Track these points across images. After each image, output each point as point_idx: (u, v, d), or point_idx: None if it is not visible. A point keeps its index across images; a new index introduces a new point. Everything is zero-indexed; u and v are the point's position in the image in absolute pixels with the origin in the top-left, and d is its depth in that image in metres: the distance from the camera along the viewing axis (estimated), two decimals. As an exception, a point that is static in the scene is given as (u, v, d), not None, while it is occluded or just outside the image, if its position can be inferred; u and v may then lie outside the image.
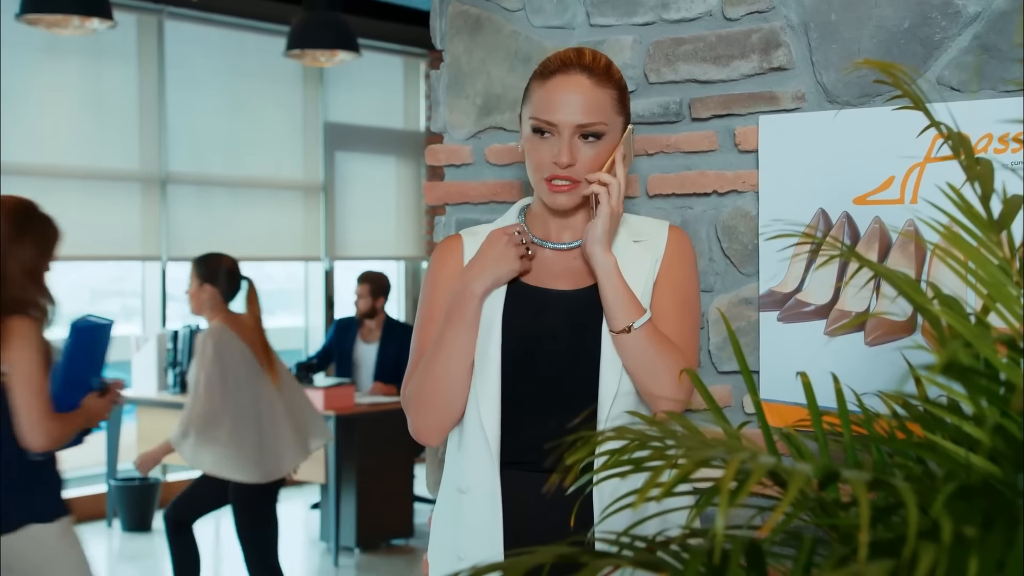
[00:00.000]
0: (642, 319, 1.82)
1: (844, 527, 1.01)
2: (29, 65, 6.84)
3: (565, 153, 1.83)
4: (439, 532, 1.99)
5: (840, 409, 1.27)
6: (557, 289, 1.91)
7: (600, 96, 1.84)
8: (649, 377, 1.81)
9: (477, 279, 1.87)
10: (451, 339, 1.87)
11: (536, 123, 1.86)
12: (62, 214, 6.90)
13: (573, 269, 1.92)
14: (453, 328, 1.87)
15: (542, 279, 1.93)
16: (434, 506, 2.03)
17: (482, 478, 1.86)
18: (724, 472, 0.93)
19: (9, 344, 2.81)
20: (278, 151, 8.17)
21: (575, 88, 1.83)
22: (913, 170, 1.98)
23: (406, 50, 8.85)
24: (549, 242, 1.94)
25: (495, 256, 1.87)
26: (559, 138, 1.84)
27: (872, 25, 2.03)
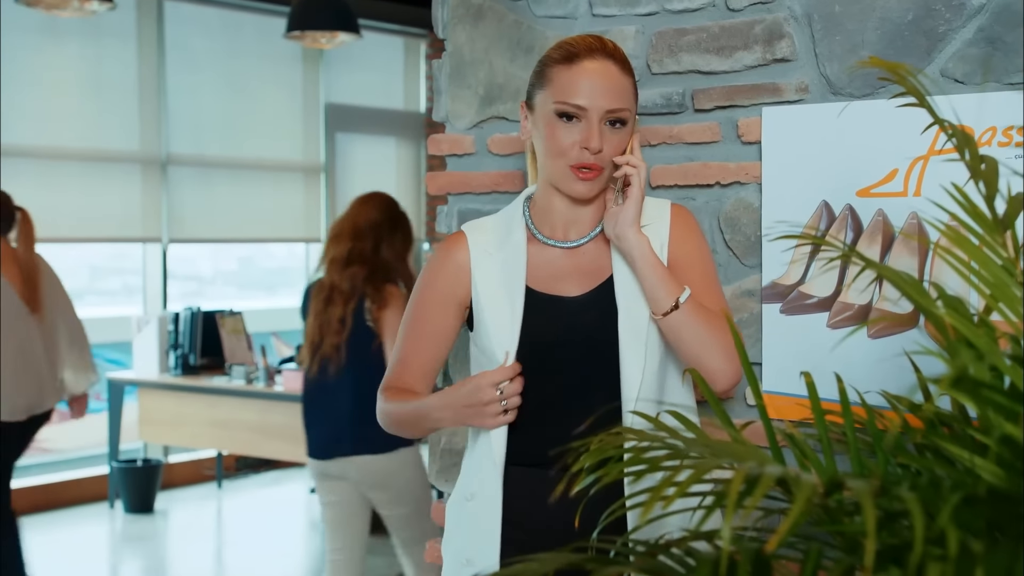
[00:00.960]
0: (685, 293, 1.80)
1: (850, 533, 1.02)
2: (29, 47, 6.82)
3: (596, 138, 1.81)
4: (450, 534, 2.01)
5: (844, 411, 1.28)
6: (568, 296, 1.89)
7: (625, 83, 1.85)
8: (704, 350, 1.79)
9: (447, 419, 1.88)
10: (411, 432, 1.98)
11: (562, 107, 1.83)
12: (62, 196, 6.98)
13: (581, 269, 1.90)
14: (413, 428, 1.96)
15: (550, 284, 1.90)
16: (447, 506, 2.04)
17: (487, 483, 1.87)
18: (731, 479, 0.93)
19: (387, 305, 3.73)
20: (278, 132, 8.15)
21: (604, 73, 1.83)
22: (916, 163, 1.98)
23: (406, 31, 8.82)
24: (555, 240, 1.92)
25: (473, 412, 1.82)
26: (586, 123, 1.82)
27: (876, 17, 2.02)
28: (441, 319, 1.96)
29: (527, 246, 1.93)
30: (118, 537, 6.49)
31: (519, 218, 1.95)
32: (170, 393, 6.62)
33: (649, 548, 1.11)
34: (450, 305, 1.95)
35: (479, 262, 1.94)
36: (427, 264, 2.00)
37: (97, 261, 8.39)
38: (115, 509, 6.86)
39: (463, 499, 1.94)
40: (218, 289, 8.93)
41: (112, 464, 6.82)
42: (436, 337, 1.96)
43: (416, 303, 1.98)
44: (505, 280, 1.91)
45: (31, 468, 7.32)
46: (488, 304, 1.91)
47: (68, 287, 4.82)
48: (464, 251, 1.95)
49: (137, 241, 7.45)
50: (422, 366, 1.97)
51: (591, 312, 1.87)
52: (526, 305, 1.88)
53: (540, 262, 1.92)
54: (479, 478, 1.89)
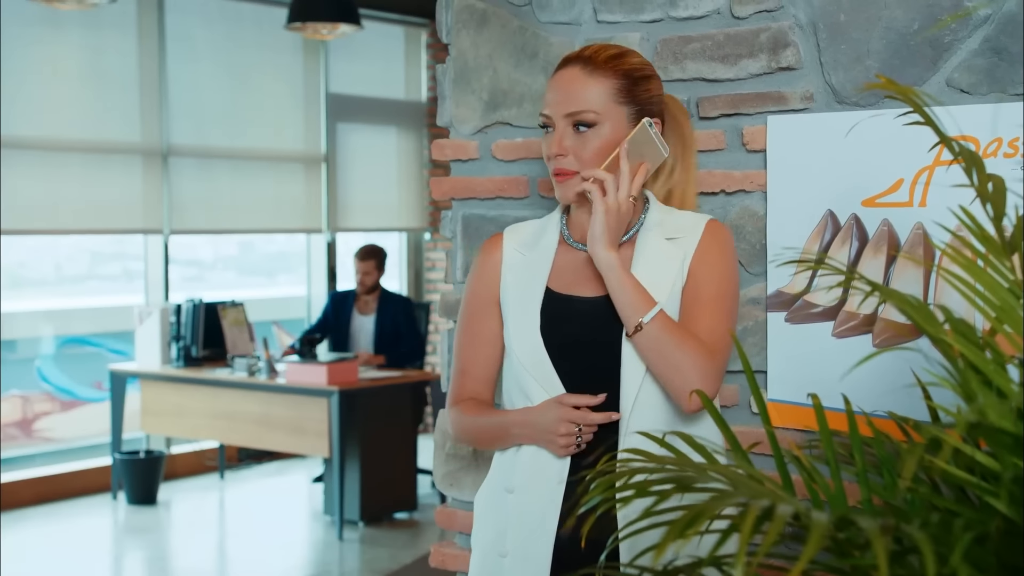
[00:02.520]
0: (651, 312, 1.81)
1: (862, 567, 1.02)
2: (29, 38, 6.81)
3: (556, 143, 1.87)
4: (482, 525, 2.03)
5: (852, 435, 1.28)
6: (582, 296, 1.92)
7: (591, 84, 1.86)
8: (672, 372, 1.80)
9: (526, 437, 1.91)
10: (495, 447, 1.99)
11: (539, 119, 1.92)
12: (64, 188, 6.97)
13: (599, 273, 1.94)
14: (498, 444, 1.98)
15: (570, 285, 1.94)
16: (475, 499, 2.06)
17: (542, 480, 1.89)
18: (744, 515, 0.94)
19: None
20: (280, 123, 8.14)
21: (568, 79, 1.88)
22: (922, 173, 1.98)
23: (407, 20, 8.80)
24: (583, 244, 1.96)
25: (549, 439, 1.87)
26: (555, 131, 1.89)
27: (881, 26, 2.02)
28: (490, 321, 2.00)
29: (557, 248, 1.98)
30: (120, 528, 6.51)
31: (555, 222, 2.01)
32: (172, 385, 6.63)
33: (658, 574, 1.12)
34: (495, 306, 2.00)
35: (510, 262, 2.00)
36: (471, 270, 2.06)
37: (97, 247, 8.40)
38: (118, 500, 6.88)
39: (502, 491, 1.95)
40: (218, 275, 8.93)
41: (115, 455, 6.84)
42: (490, 340, 2.00)
43: (465, 310, 2.04)
44: (528, 279, 1.96)
45: (34, 459, 7.35)
46: (511, 301, 1.97)
47: (69, 273, 4.82)
48: (499, 251, 2.02)
49: (138, 232, 7.45)
50: (483, 372, 2.01)
51: (600, 314, 1.89)
52: (544, 304, 1.93)
53: (566, 264, 1.97)
54: (526, 475, 1.91)
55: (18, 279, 7.99)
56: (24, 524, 6.49)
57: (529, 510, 1.90)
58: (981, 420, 0.93)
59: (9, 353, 8.12)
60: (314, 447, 6.08)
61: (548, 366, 1.89)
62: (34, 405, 7.79)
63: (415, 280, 9.20)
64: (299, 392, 6.07)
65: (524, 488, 1.91)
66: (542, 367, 1.89)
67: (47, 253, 8.14)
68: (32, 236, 7.34)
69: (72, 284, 8.30)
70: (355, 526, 6.18)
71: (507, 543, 1.93)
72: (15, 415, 7.65)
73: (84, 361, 8.10)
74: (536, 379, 1.90)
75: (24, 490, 6.90)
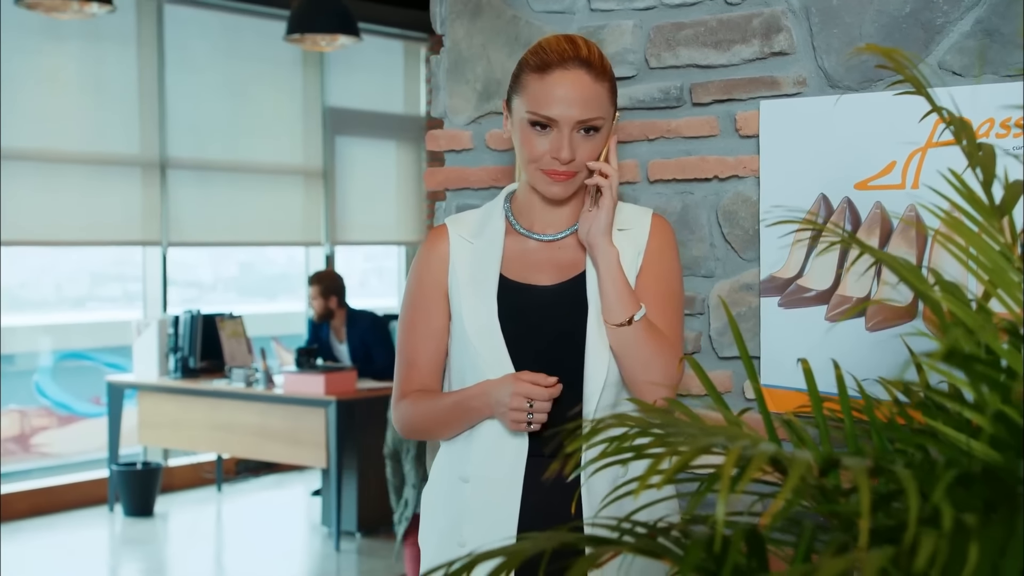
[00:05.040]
0: (641, 312, 1.84)
1: (845, 514, 1.01)
2: (28, 50, 6.83)
3: (566, 149, 1.84)
4: (432, 518, 1.99)
5: (841, 396, 1.27)
6: (540, 284, 1.92)
7: (598, 90, 1.85)
8: (641, 367, 1.84)
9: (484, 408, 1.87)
10: (453, 430, 1.94)
11: (534, 117, 1.85)
12: (62, 199, 6.97)
13: (556, 261, 1.93)
14: (456, 425, 1.92)
15: (524, 274, 1.93)
16: (423, 494, 2.03)
17: (498, 467, 1.87)
18: (725, 459, 0.93)
19: None
20: (278, 136, 8.15)
21: (575, 83, 1.84)
22: (915, 155, 1.98)
23: (406, 34, 8.83)
24: (533, 232, 1.95)
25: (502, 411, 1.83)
26: (558, 133, 1.84)
27: (873, 9, 2.02)
28: (436, 312, 1.97)
29: (505, 237, 1.96)
30: (117, 540, 6.48)
31: (499, 210, 1.99)
32: (170, 396, 6.61)
33: (649, 529, 1.11)
34: (441, 297, 1.97)
35: (457, 251, 1.97)
36: (414, 261, 2.03)
37: (98, 268, 8.40)
38: (115, 512, 6.85)
39: (456, 481, 1.93)
40: (219, 295, 8.93)
41: (112, 467, 6.81)
42: (437, 332, 1.98)
43: (410, 302, 2.00)
44: (480, 266, 1.94)
45: (31, 472, 7.32)
46: (463, 289, 1.94)
47: (70, 294, 4.82)
48: (445, 242, 1.99)
49: (137, 244, 7.45)
50: (430, 363, 1.98)
51: (561, 303, 1.90)
52: (499, 292, 1.91)
53: (516, 252, 1.95)
54: (480, 462, 1.89)
55: (18, 300, 7.99)
56: (22, 536, 6.46)
57: (488, 499, 1.87)
58: (954, 348, 0.92)
59: (7, 366, 8.10)
60: (312, 458, 6.05)
61: (505, 354, 1.87)
62: (32, 420, 7.77)
63: (414, 294, 9.17)
64: (297, 402, 6.05)
65: (480, 477, 1.89)
66: (498, 355, 1.87)
67: (47, 273, 8.13)
68: (32, 255, 7.34)
69: (72, 306, 8.30)
70: (352, 537, 6.15)
71: (464, 533, 1.89)
72: (13, 430, 7.63)
73: (82, 376, 8.08)
74: (493, 367, 1.87)
75: (21, 502, 6.87)
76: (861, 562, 0.84)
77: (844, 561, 0.83)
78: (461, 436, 1.93)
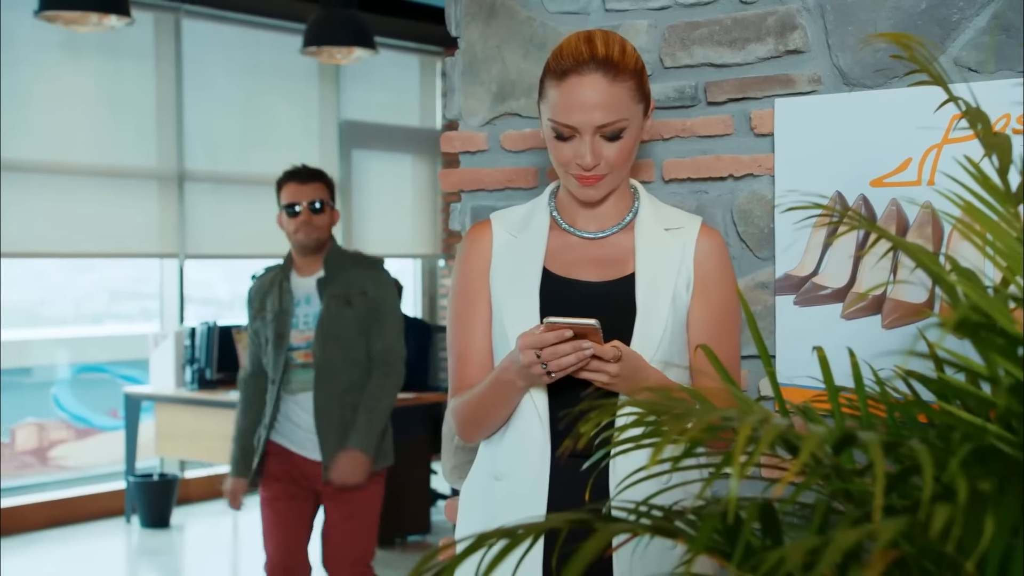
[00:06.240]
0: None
1: (858, 493, 1.01)
2: (47, 63, 6.88)
3: (588, 155, 1.82)
4: (469, 514, 1.99)
5: (856, 382, 1.27)
6: (585, 280, 1.90)
7: (617, 92, 1.82)
8: None
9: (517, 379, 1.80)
10: (496, 412, 1.87)
11: (555, 126, 1.84)
12: (80, 212, 7.00)
13: (600, 258, 1.92)
14: (497, 406, 1.86)
15: (569, 269, 1.91)
16: (461, 491, 2.02)
17: (526, 465, 1.85)
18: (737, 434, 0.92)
19: None
20: (295, 149, 8.17)
21: (591, 88, 1.81)
22: (930, 151, 1.97)
23: (422, 48, 8.85)
24: (575, 229, 1.94)
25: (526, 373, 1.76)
26: (580, 139, 1.83)
27: (889, 6, 2.02)
28: (484, 304, 1.95)
29: (549, 232, 1.94)
30: (134, 551, 6.48)
31: (544, 206, 1.98)
32: (187, 407, 6.62)
33: (666, 513, 1.10)
34: (487, 289, 1.96)
35: (501, 245, 1.96)
36: (458, 257, 2.01)
37: (115, 285, 8.43)
38: (131, 524, 6.85)
39: (490, 479, 1.92)
40: (236, 308, 8.94)
41: (128, 479, 6.83)
42: (487, 323, 1.95)
43: (457, 296, 1.99)
44: (523, 260, 1.93)
45: (49, 484, 7.34)
46: (506, 283, 1.93)
47: (88, 311, 4.82)
48: (488, 235, 1.98)
49: (154, 257, 7.48)
50: (481, 355, 1.95)
51: (607, 301, 1.87)
52: (542, 285, 1.89)
53: (560, 247, 1.93)
54: (511, 461, 1.88)
55: (37, 318, 8.03)
56: (40, 547, 6.48)
57: (517, 494, 1.86)
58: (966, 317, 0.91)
59: (25, 379, 8.13)
60: (327, 469, 6.05)
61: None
62: (50, 433, 7.80)
63: (429, 306, 9.19)
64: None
65: (510, 474, 1.88)
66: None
67: (66, 290, 8.17)
68: (51, 273, 7.37)
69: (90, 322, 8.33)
70: (368, 549, 6.13)
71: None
72: (31, 443, 7.66)
73: (100, 389, 8.10)
74: None
75: (39, 514, 6.88)
76: (875, 533, 0.83)
77: (858, 532, 0.82)
78: (495, 435, 1.92)
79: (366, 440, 3.75)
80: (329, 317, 3.75)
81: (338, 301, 3.78)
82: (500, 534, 0.96)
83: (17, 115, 6.75)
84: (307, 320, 3.83)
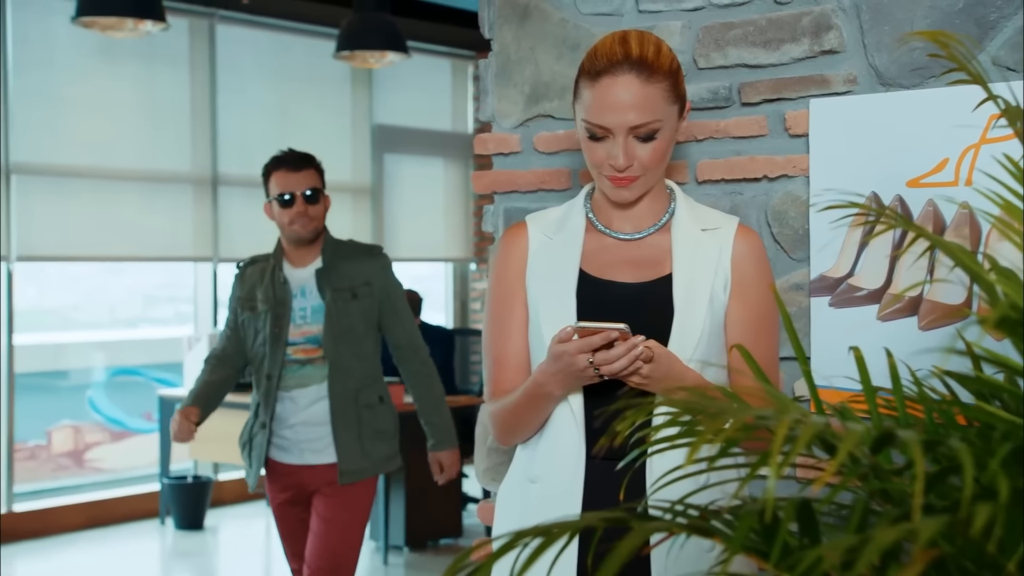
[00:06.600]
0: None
1: (897, 493, 1.00)
2: (84, 68, 6.95)
3: (621, 156, 1.82)
4: (505, 516, 1.99)
5: (893, 382, 1.26)
6: (621, 281, 1.89)
7: (651, 93, 1.81)
8: None
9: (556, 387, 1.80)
10: (532, 419, 1.87)
11: (589, 126, 1.84)
12: (115, 216, 7.06)
13: (635, 259, 1.91)
14: (533, 413, 1.86)
15: (604, 270, 1.90)
16: (497, 494, 2.03)
17: (562, 467, 1.85)
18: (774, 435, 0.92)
19: None
20: (327, 153, 8.14)
21: (625, 89, 1.80)
22: (968, 151, 1.95)
23: (454, 52, 8.87)
24: (611, 230, 1.93)
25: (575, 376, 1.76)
26: (614, 140, 1.82)
27: (925, 5, 2.00)
28: (521, 308, 1.95)
29: (585, 234, 1.94)
30: (168, 553, 6.53)
31: (579, 207, 1.97)
32: (220, 410, 6.59)
33: (702, 512, 1.09)
34: (524, 291, 1.95)
35: (537, 247, 1.95)
36: (494, 259, 2.01)
37: (150, 289, 8.50)
38: (166, 526, 6.90)
39: (526, 481, 1.92)
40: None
41: (163, 481, 6.88)
42: (523, 326, 1.94)
43: (493, 299, 1.98)
44: (559, 261, 1.92)
45: (85, 486, 7.40)
46: (541, 284, 1.92)
47: (122, 315, 4.86)
48: (524, 236, 1.97)
49: (188, 260, 7.53)
50: (518, 358, 1.94)
51: (645, 301, 1.86)
52: (579, 287, 1.88)
53: (596, 249, 1.93)
54: (547, 464, 1.88)
55: (72, 321, 8.10)
56: (76, 548, 6.53)
57: (552, 496, 1.86)
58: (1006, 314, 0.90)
59: (61, 381, 8.21)
60: (360, 471, 6.06)
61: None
62: (86, 436, 7.87)
63: (461, 310, 9.21)
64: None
65: (546, 476, 1.88)
66: None
67: (101, 295, 8.24)
68: (86, 278, 7.43)
69: (125, 326, 8.39)
70: (400, 551, 6.15)
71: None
72: (67, 445, 7.73)
73: (134, 392, 8.17)
74: None
75: (75, 515, 6.94)
76: (915, 532, 0.82)
77: (898, 530, 0.82)
78: (532, 438, 1.92)
79: (449, 432, 3.81)
80: (336, 311, 3.53)
81: (343, 294, 3.56)
82: (535, 532, 0.96)
83: (53, 120, 6.82)
84: (303, 314, 3.57)
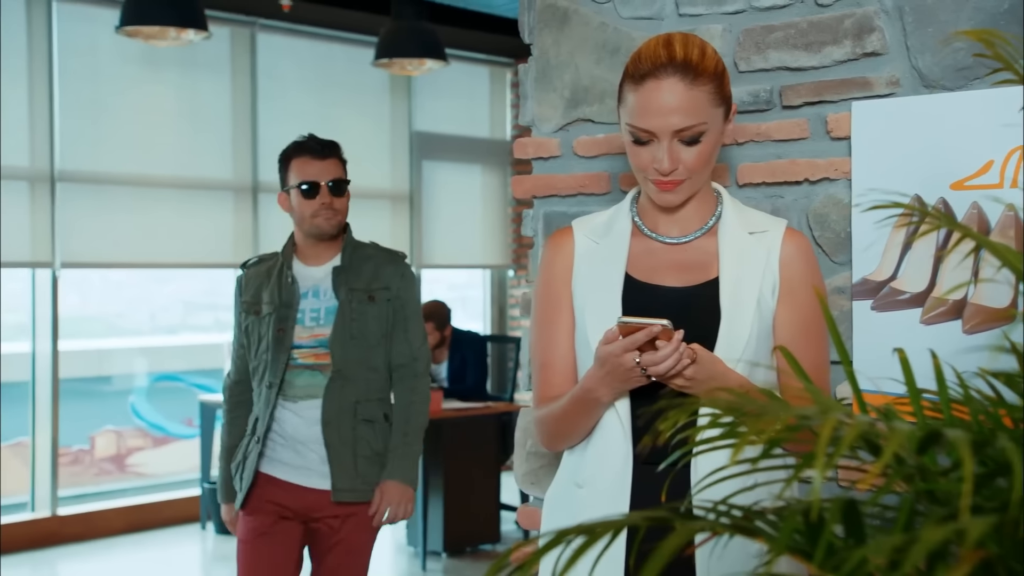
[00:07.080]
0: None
1: (943, 494, 0.99)
2: (127, 77, 7.03)
3: (666, 160, 1.81)
4: (551, 520, 1.98)
5: (939, 383, 1.24)
6: (667, 285, 1.88)
7: (696, 96, 1.80)
8: None
9: (605, 393, 1.79)
10: (581, 425, 1.87)
11: (633, 131, 1.83)
12: (157, 223, 7.13)
13: (681, 263, 1.90)
14: (581, 419, 1.86)
15: (650, 274, 1.90)
16: (544, 499, 2.03)
17: (608, 472, 1.85)
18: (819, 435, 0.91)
19: None
20: (366, 160, 8.25)
21: (669, 92, 1.79)
22: (1013, 153, 1.93)
23: (492, 59, 8.90)
24: (657, 234, 1.92)
25: (624, 377, 1.75)
26: (657, 144, 1.81)
27: (970, 7, 1.99)
28: (568, 313, 1.94)
29: (631, 238, 1.93)
30: (209, 557, 6.57)
31: (626, 212, 1.96)
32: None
33: (746, 512, 1.09)
34: (570, 297, 1.94)
35: (583, 251, 1.95)
36: (541, 263, 2.01)
37: (190, 296, 8.57)
38: (206, 530, 6.95)
39: (572, 486, 1.91)
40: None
41: (203, 485, 6.92)
42: (570, 332, 1.94)
43: (540, 303, 1.98)
44: (605, 265, 1.91)
45: (126, 491, 7.47)
46: (588, 290, 1.91)
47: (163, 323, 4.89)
48: (570, 240, 1.97)
49: (228, 267, 7.59)
50: (565, 361, 1.94)
51: (691, 305, 1.85)
52: (625, 291, 1.88)
53: (642, 253, 1.92)
54: (593, 469, 1.87)
55: (115, 328, 8.17)
56: (117, 552, 6.59)
57: (599, 500, 1.85)
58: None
59: (104, 387, 8.29)
60: (398, 477, 6.08)
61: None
62: (128, 441, 7.94)
63: (499, 317, 9.21)
64: (384, 422, 6.08)
65: (592, 481, 1.87)
66: None
67: (143, 302, 8.32)
68: (128, 287, 7.49)
69: (166, 333, 8.47)
70: (438, 557, 6.15)
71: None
72: (110, 450, 7.81)
73: (175, 397, 8.24)
74: None
75: (117, 519, 7.01)
76: (963, 532, 0.81)
77: (945, 530, 0.81)
78: (579, 444, 1.92)
79: (410, 467, 3.34)
80: (350, 313, 3.21)
81: (359, 296, 3.25)
82: (579, 531, 0.96)
83: (98, 128, 6.90)
84: (315, 316, 3.25)
